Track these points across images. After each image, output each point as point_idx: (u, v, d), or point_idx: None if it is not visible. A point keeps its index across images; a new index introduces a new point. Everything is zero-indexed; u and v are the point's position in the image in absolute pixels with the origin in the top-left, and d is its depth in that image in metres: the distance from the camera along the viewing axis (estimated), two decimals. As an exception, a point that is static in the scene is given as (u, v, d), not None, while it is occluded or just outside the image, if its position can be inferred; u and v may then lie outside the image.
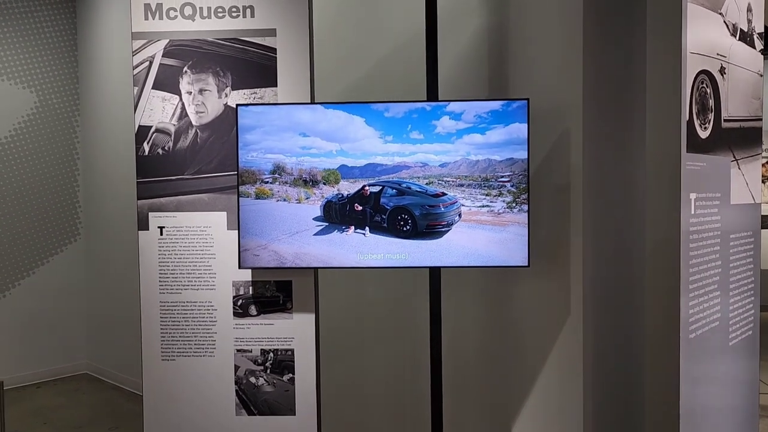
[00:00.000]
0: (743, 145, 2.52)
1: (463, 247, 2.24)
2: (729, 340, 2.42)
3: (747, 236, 2.56)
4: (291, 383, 2.44)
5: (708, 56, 2.21)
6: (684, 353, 2.07)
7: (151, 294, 2.48)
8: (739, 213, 2.48)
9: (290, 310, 2.44)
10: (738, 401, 2.56)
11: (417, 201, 2.24)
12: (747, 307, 2.58)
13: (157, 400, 2.48)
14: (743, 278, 2.53)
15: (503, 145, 2.19)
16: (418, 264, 2.26)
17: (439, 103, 2.24)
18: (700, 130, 2.18)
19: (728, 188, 2.39)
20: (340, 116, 2.22)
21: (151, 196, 2.46)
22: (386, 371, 2.98)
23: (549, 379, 2.49)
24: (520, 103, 2.24)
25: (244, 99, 2.42)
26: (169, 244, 2.45)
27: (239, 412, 2.46)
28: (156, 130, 2.45)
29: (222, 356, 2.45)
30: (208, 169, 2.43)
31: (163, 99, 2.45)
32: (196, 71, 2.43)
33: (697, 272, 2.17)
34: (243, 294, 2.44)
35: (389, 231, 2.26)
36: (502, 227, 2.23)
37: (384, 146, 2.20)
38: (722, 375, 2.38)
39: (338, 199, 2.23)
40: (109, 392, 4.58)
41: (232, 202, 2.39)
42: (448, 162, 2.19)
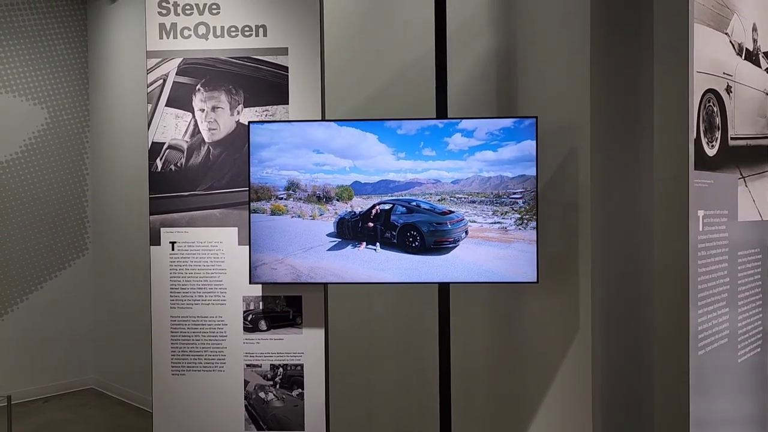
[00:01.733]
0: (750, 162, 2.54)
1: (470, 263, 2.26)
2: (738, 357, 2.43)
3: (755, 253, 2.57)
4: (300, 398, 2.45)
5: (714, 75, 2.24)
6: (693, 369, 2.08)
7: (162, 308, 2.50)
8: (746, 230, 2.49)
9: (300, 325, 2.45)
10: (747, 419, 2.56)
11: (425, 218, 2.27)
12: (755, 324, 2.58)
13: (166, 415, 2.49)
14: (751, 295, 2.53)
15: (515, 162, 2.22)
16: (426, 279, 2.28)
17: (452, 120, 2.27)
18: (707, 147, 2.20)
19: (735, 205, 2.41)
20: (354, 133, 2.25)
21: (163, 211, 2.49)
22: (395, 386, 2.98)
23: (558, 395, 2.49)
24: (530, 121, 2.27)
25: (256, 116, 2.46)
26: (181, 259, 2.48)
27: (248, 427, 2.46)
28: (169, 147, 2.49)
29: (232, 371, 2.47)
30: (220, 185, 2.46)
31: (177, 116, 2.48)
32: (209, 89, 2.47)
33: (706, 289, 2.18)
34: (253, 309, 2.46)
35: (399, 247, 2.28)
36: (508, 243, 2.25)
37: (397, 163, 2.23)
38: (731, 391, 2.38)
39: (351, 216, 2.26)
40: (115, 407, 4.58)
41: (244, 218, 2.42)
42: (461, 179, 2.22)
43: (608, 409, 2.50)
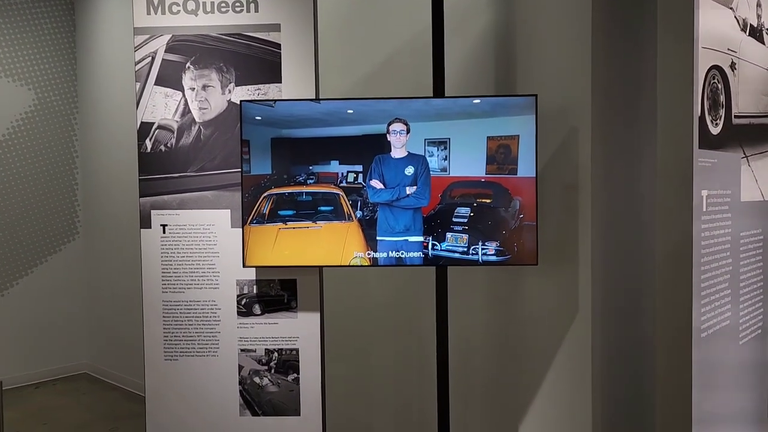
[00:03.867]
0: (753, 141, 2.49)
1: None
2: (739, 339, 2.40)
3: (756, 234, 2.53)
4: (296, 383, 2.41)
5: (719, 51, 2.18)
6: (696, 352, 2.05)
7: (153, 293, 2.44)
8: (749, 210, 2.45)
9: (295, 309, 2.40)
10: (747, 402, 2.54)
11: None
12: (756, 306, 2.55)
13: (159, 401, 2.45)
14: (752, 276, 2.50)
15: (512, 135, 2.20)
16: (419, 261, 2.25)
17: (451, 98, 2.21)
18: (712, 126, 2.15)
19: (738, 185, 2.36)
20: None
21: (153, 193, 2.42)
22: (392, 371, 2.95)
23: (557, 379, 2.46)
24: (528, 99, 2.21)
25: (248, 95, 2.39)
26: (172, 242, 2.42)
27: (243, 412, 2.42)
28: (158, 127, 2.42)
29: (226, 356, 2.42)
30: (212, 167, 2.40)
31: (166, 95, 2.41)
32: (199, 67, 2.39)
33: (709, 270, 2.14)
34: (247, 293, 2.41)
35: (399, 230, 2.24)
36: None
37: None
38: (733, 374, 2.36)
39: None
40: (109, 392, 4.54)
41: (236, 200, 2.36)
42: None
43: (608, 392, 2.47)
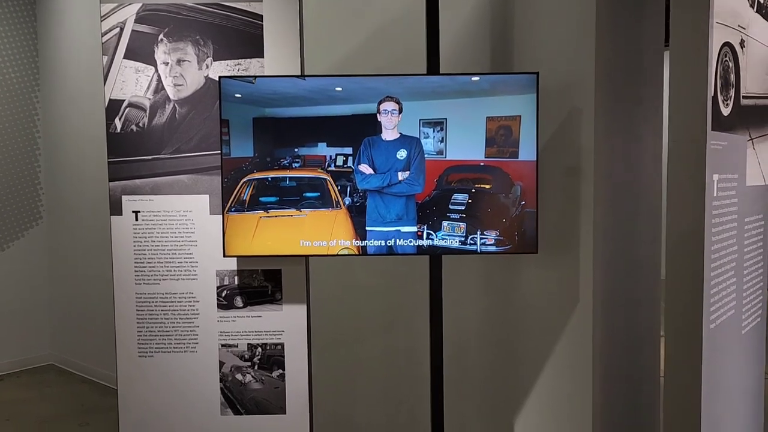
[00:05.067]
0: (758, 123, 2.40)
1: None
2: (742, 328, 2.32)
3: (758, 219, 2.45)
4: (281, 380, 2.26)
5: (730, 27, 2.06)
6: (706, 342, 1.95)
7: (125, 285, 2.26)
8: (753, 195, 2.37)
9: (280, 301, 2.25)
10: (749, 389, 2.48)
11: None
12: (757, 293, 2.48)
13: (133, 400, 2.28)
14: (755, 263, 2.43)
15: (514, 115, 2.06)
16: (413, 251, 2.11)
17: (447, 75, 2.07)
18: (723, 106, 2.05)
19: (744, 169, 2.27)
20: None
21: (124, 177, 2.23)
22: (383, 365, 2.82)
23: (556, 371, 2.36)
24: (529, 77, 2.07)
25: (227, 71, 2.20)
26: (146, 230, 2.24)
27: (224, 411, 2.27)
28: (129, 105, 2.22)
29: (205, 352, 2.26)
30: (188, 148, 2.22)
31: (137, 70, 2.21)
32: (173, 39, 2.20)
33: (718, 258, 2.05)
34: (228, 284, 2.25)
35: (390, 220, 2.10)
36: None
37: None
38: (736, 363, 2.28)
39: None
40: (77, 385, 4.33)
41: (216, 184, 2.18)
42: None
43: (608, 383, 2.38)
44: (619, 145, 2.39)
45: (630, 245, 2.49)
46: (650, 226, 2.61)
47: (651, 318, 2.67)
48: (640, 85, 2.52)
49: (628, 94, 2.44)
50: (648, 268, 2.62)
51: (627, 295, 2.49)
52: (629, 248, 2.49)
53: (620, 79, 2.38)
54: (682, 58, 1.90)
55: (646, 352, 2.65)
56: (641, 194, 2.55)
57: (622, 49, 2.38)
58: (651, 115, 2.58)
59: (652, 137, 2.59)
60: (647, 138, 2.56)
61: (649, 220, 2.60)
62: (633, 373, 2.56)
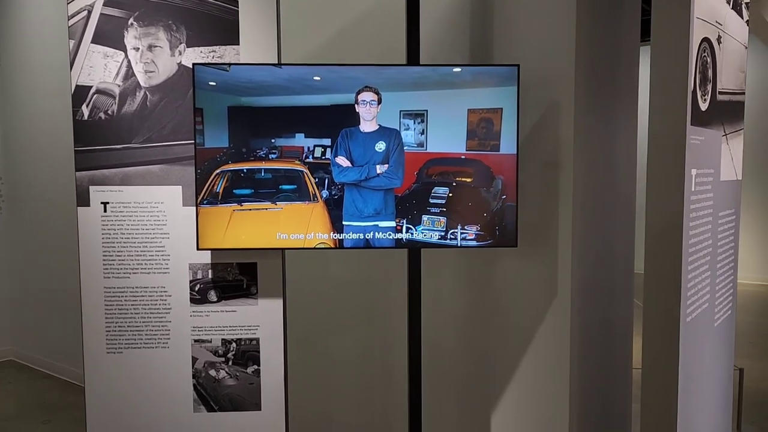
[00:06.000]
0: (731, 119, 2.43)
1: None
2: (714, 320, 2.36)
3: (731, 213, 2.49)
4: (256, 375, 2.21)
5: (709, 23, 2.08)
6: (682, 335, 1.97)
7: (93, 278, 2.18)
8: (726, 190, 2.40)
9: (255, 295, 2.19)
10: (720, 380, 2.52)
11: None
12: (728, 286, 2.52)
13: (101, 397, 2.20)
14: (726, 257, 2.46)
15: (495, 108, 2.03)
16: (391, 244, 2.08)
17: (428, 66, 2.03)
18: (701, 101, 2.06)
19: (719, 164, 2.30)
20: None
21: (92, 167, 2.15)
22: (359, 360, 2.79)
23: (534, 364, 2.36)
24: (510, 69, 2.05)
25: (201, 58, 2.13)
26: (115, 222, 2.15)
27: (197, 408, 2.21)
28: (97, 91, 2.13)
29: (177, 347, 2.19)
30: (160, 137, 2.14)
31: (105, 55, 2.12)
32: (143, 24, 2.11)
33: (695, 252, 2.07)
34: (201, 278, 2.18)
35: (368, 214, 2.06)
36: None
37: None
38: (709, 354, 2.32)
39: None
40: (39, 381, 4.19)
41: (189, 175, 2.11)
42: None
43: (585, 376, 2.39)
44: (597, 140, 2.39)
45: (605, 239, 2.50)
46: (625, 220, 2.63)
47: (625, 311, 2.69)
48: (616, 81, 2.52)
49: (606, 89, 2.44)
50: (622, 262, 2.64)
51: (602, 288, 2.50)
52: (605, 242, 2.50)
53: (598, 74, 2.38)
54: (663, 53, 1.91)
55: (620, 344, 2.67)
56: (616, 189, 2.57)
57: (599, 44, 2.38)
58: (627, 110, 2.59)
59: (627, 132, 2.60)
60: (623, 133, 2.57)
61: (623, 214, 2.62)
62: (607, 365, 2.58)
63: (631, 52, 2.59)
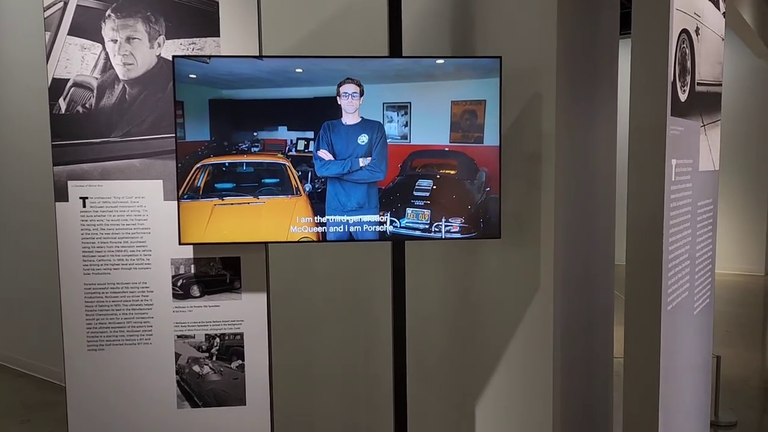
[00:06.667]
0: (709, 110, 2.46)
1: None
2: (694, 309, 2.39)
3: (709, 203, 2.53)
4: (240, 370, 2.20)
5: (688, 14, 2.10)
6: (663, 323, 2.00)
7: (73, 275, 2.14)
8: (704, 180, 2.43)
9: (239, 289, 2.18)
10: (699, 367, 2.56)
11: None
12: (706, 275, 2.56)
13: (83, 396, 2.17)
14: (705, 246, 2.50)
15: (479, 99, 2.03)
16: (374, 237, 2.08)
17: (411, 58, 2.03)
18: (681, 92, 2.08)
19: (698, 154, 2.33)
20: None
21: (70, 161, 2.11)
22: (343, 353, 2.78)
23: (518, 355, 2.37)
24: (493, 61, 2.05)
25: (181, 50, 2.10)
26: (95, 217, 2.12)
27: (181, 404, 2.19)
28: (74, 84, 2.09)
29: (160, 343, 2.17)
30: (140, 131, 2.11)
31: (83, 47, 2.08)
32: (121, 15, 2.08)
33: (675, 241, 2.10)
34: (184, 273, 2.16)
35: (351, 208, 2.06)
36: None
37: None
38: (689, 342, 2.35)
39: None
40: (18, 380, 4.12)
41: (170, 169, 2.09)
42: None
43: (567, 365, 2.41)
44: (579, 132, 2.41)
45: (587, 231, 2.53)
46: (605, 212, 2.66)
47: (606, 302, 2.72)
48: (597, 73, 2.54)
49: (586, 81, 2.46)
50: (603, 253, 2.66)
51: (584, 279, 2.53)
52: (586, 234, 2.52)
53: (579, 66, 2.39)
54: (644, 44, 1.92)
55: (601, 334, 2.70)
56: (598, 180, 2.59)
57: (580, 36, 2.39)
58: (606, 103, 2.61)
59: (607, 125, 2.63)
60: (603, 125, 2.60)
61: (604, 206, 2.64)
62: (589, 354, 2.61)
63: (611, 44, 2.61)
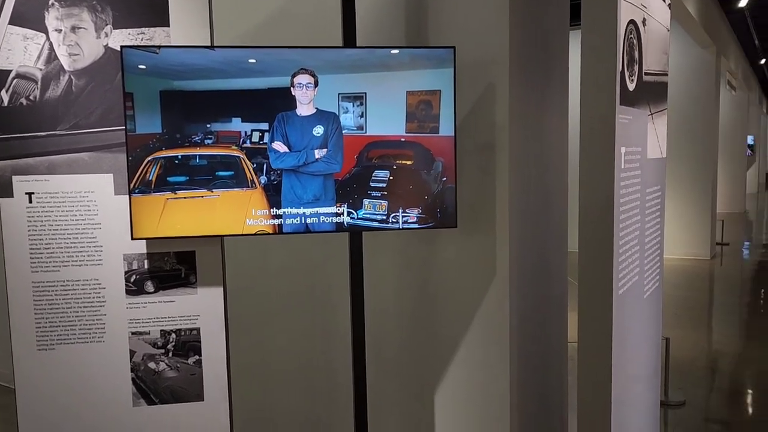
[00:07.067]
0: (656, 99, 2.53)
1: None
2: (644, 292, 2.47)
3: (657, 190, 2.60)
4: (198, 366, 2.16)
5: (634, 5, 2.15)
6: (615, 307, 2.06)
7: (19, 273, 2.07)
8: (653, 167, 2.50)
9: (194, 284, 2.14)
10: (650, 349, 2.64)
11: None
12: (655, 259, 2.64)
13: (33, 397, 2.11)
14: (654, 231, 2.58)
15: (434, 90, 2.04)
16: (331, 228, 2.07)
17: (366, 48, 2.02)
18: (629, 82, 2.14)
19: (646, 142, 2.39)
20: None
21: (14, 156, 2.03)
22: (301, 346, 2.77)
23: (475, 343, 2.41)
24: (447, 51, 2.06)
25: (129, 40, 2.05)
26: (42, 213, 2.05)
27: (137, 402, 2.15)
28: (17, 76, 2.02)
29: (114, 341, 2.12)
30: (88, 124, 2.05)
31: (25, 37, 2.01)
32: (66, 4, 2.01)
33: (625, 227, 2.15)
34: (137, 269, 2.11)
35: (307, 201, 2.05)
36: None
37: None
38: (640, 325, 2.43)
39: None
40: (-38, 384, 3.98)
41: (121, 162, 2.04)
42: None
43: (524, 352, 2.46)
44: (531, 122, 2.45)
45: (541, 219, 2.57)
46: (558, 200, 2.71)
47: (560, 288, 2.78)
48: (548, 64, 2.59)
49: (538, 72, 2.50)
50: (557, 240, 2.72)
51: (539, 266, 2.57)
52: (540, 222, 2.57)
53: (531, 58, 2.43)
54: (593, 34, 1.96)
55: (555, 320, 2.76)
56: (550, 170, 2.64)
57: (532, 28, 2.43)
58: (558, 93, 2.66)
59: (559, 115, 2.68)
60: (555, 115, 2.64)
61: (557, 194, 2.70)
62: (544, 340, 2.66)
63: (562, 35, 2.66)
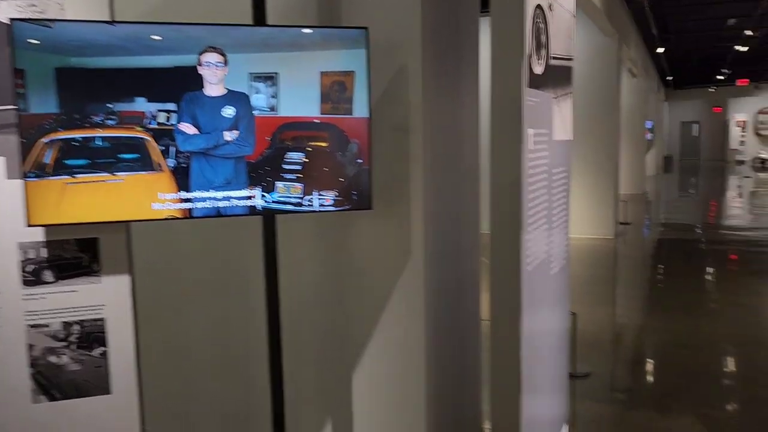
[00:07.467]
0: (561, 83, 2.62)
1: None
2: (550, 269, 2.57)
3: (563, 171, 2.71)
4: (103, 358, 2.07)
5: (541, -9, 2.21)
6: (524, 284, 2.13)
7: None
8: (559, 149, 2.60)
9: (98, 272, 2.04)
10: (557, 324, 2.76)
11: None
12: (562, 238, 2.75)
13: None
14: (560, 211, 2.68)
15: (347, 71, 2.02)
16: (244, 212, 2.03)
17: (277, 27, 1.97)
18: (536, 65, 2.20)
19: (551, 124, 2.48)
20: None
21: None
22: (215, 333, 2.70)
23: (391, 323, 2.43)
24: (359, 32, 2.05)
25: (17, 12, 1.90)
26: None
27: (37, 399, 2.03)
28: None
29: (9, 335, 1.99)
30: (-27, 103, 1.89)
31: None
32: (-56, -29, 1.84)
33: (533, 207, 2.23)
34: (34, 258, 1.99)
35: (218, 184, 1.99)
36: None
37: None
38: (547, 302, 2.53)
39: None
40: None
41: (13, 144, 1.90)
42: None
43: (439, 330, 2.50)
44: (444, 104, 2.48)
45: (454, 200, 2.62)
46: (471, 181, 2.77)
47: (473, 267, 2.85)
48: (460, 47, 2.62)
49: (450, 54, 2.53)
50: (470, 221, 2.78)
51: (453, 247, 2.62)
52: (454, 203, 2.62)
53: (443, 40, 2.45)
54: (501, 19, 2.00)
55: (469, 299, 2.83)
56: (463, 151, 2.69)
57: (444, 11, 2.45)
58: (469, 75, 2.71)
59: (470, 97, 2.72)
60: (466, 97, 2.69)
61: (469, 175, 2.75)
62: (459, 319, 2.73)
63: (473, 20, 2.70)
